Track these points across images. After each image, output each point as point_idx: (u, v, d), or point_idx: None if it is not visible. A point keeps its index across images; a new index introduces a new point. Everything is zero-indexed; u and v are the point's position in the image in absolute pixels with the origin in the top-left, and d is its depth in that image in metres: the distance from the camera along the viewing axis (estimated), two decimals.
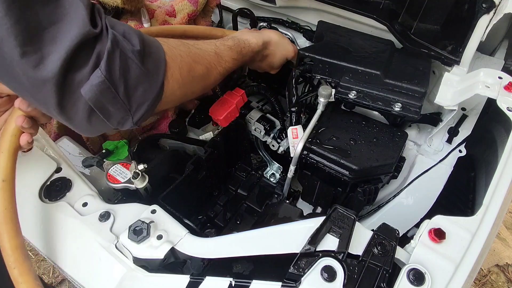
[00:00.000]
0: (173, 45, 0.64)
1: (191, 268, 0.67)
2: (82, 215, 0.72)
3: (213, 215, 1.00)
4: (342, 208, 0.62)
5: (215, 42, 0.77)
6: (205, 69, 0.71)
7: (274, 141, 1.06)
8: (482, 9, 0.86)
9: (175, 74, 0.61)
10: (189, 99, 0.73)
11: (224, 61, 0.77)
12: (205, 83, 0.74)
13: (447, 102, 0.88)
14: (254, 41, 0.87)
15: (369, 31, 1.06)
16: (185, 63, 0.64)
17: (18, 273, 0.59)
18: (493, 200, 0.63)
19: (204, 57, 0.72)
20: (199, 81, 0.70)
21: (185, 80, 0.64)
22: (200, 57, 0.70)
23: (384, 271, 0.56)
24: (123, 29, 0.51)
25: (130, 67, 0.50)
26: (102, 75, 0.47)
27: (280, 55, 0.96)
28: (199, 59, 0.69)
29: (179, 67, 0.63)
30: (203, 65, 0.71)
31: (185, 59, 0.65)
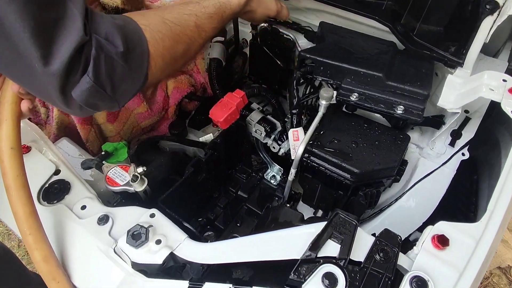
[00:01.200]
0: (155, 28, 0.62)
1: (190, 273, 0.66)
2: (81, 218, 0.71)
3: (213, 217, 1.00)
4: (344, 213, 0.61)
5: (195, 12, 0.73)
6: (186, 46, 0.70)
7: (274, 143, 1.05)
8: (486, 10, 0.85)
9: (158, 62, 0.62)
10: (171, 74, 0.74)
11: (204, 31, 0.75)
12: (185, 59, 0.74)
13: (450, 104, 0.87)
14: (235, 2, 0.83)
15: (371, 32, 1.05)
16: (167, 48, 0.64)
17: (33, 239, 0.61)
18: (498, 205, 0.62)
19: (185, 34, 0.70)
20: (180, 58, 0.71)
21: (167, 63, 0.65)
22: (181, 35, 0.68)
23: (386, 278, 0.55)
24: (106, 31, 0.53)
25: (115, 68, 0.54)
26: (90, 80, 0.51)
27: (261, 12, 0.92)
28: (180, 38, 0.68)
29: (162, 54, 0.63)
30: (184, 43, 0.70)
31: (167, 43, 0.64)
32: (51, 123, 1.01)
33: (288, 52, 1.13)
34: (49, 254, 0.62)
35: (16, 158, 0.62)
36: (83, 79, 0.50)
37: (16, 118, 0.63)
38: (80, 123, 0.98)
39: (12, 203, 0.62)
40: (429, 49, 0.91)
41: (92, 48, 0.50)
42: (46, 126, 1.05)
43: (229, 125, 0.95)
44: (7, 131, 0.62)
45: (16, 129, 0.63)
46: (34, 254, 0.61)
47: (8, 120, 0.62)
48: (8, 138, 0.62)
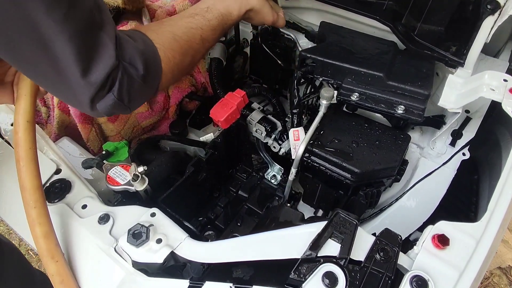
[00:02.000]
0: (168, 47, 0.70)
1: (190, 272, 0.67)
2: (82, 218, 0.71)
3: (213, 216, 1.00)
4: (344, 213, 0.61)
5: (201, 25, 0.80)
6: (192, 58, 0.78)
7: (275, 143, 1.05)
8: (487, 10, 0.85)
9: (168, 76, 0.71)
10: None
11: (208, 43, 0.82)
12: (190, 69, 0.84)
13: (451, 104, 0.87)
14: (236, 14, 0.89)
15: (372, 32, 1.05)
16: (176, 64, 0.72)
17: (37, 213, 0.62)
18: (498, 205, 0.62)
19: (192, 47, 0.77)
20: (186, 69, 0.80)
21: (175, 75, 0.74)
22: (188, 49, 0.76)
23: (387, 278, 0.55)
24: (129, 56, 0.62)
25: (134, 86, 0.63)
26: (114, 98, 0.60)
27: (257, 21, 0.98)
28: (187, 52, 0.76)
29: (172, 69, 0.71)
30: (190, 55, 0.77)
31: (177, 59, 0.72)
32: (52, 123, 1.02)
33: (288, 52, 1.13)
34: (50, 231, 0.63)
35: (30, 131, 0.65)
36: (108, 96, 0.60)
37: (34, 94, 0.67)
38: (80, 123, 0.98)
39: (22, 174, 0.63)
40: (430, 49, 0.91)
41: (119, 72, 0.59)
42: (47, 125, 1.05)
43: (229, 124, 0.96)
44: (25, 105, 0.65)
45: (33, 105, 0.67)
46: (35, 229, 0.62)
47: (27, 96, 0.66)
48: (25, 112, 0.65)
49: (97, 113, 0.62)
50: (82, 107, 0.61)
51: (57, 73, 0.55)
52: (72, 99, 0.60)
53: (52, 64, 0.53)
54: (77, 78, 0.55)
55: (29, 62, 0.54)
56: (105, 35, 0.57)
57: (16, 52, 0.52)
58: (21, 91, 0.66)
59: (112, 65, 0.57)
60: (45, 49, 0.52)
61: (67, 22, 0.51)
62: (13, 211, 0.75)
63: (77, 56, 0.53)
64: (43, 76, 0.57)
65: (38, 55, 0.52)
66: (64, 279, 0.61)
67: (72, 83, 0.56)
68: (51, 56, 0.52)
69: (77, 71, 0.54)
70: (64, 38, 0.51)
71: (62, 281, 0.61)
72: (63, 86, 0.57)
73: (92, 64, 0.56)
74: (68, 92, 0.58)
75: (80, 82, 0.55)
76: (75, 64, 0.53)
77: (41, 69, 0.55)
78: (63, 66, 0.54)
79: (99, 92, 0.58)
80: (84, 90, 0.57)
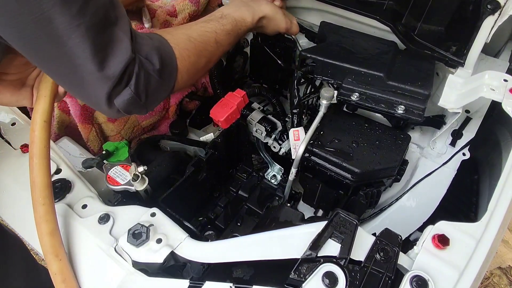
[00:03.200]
0: (182, 46, 0.72)
1: (191, 272, 0.67)
2: (82, 217, 0.71)
3: (213, 216, 1.00)
4: (344, 213, 0.61)
5: (215, 29, 0.82)
6: (207, 60, 0.80)
7: (275, 143, 1.05)
8: (487, 10, 0.85)
9: (183, 75, 0.72)
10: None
11: (222, 46, 0.84)
12: (205, 71, 0.85)
13: (451, 104, 0.87)
14: (249, 20, 0.91)
15: (372, 32, 1.05)
16: (192, 63, 0.74)
17: (45, 210, 0.64)
18: (498, 205, 0.62)
19: (206, 49, 0.79)
20: (201, 70, 0.81)
21: (190, 75, 0.75)
22: (203, 51, 0.77)
23: (387, 278, 0.55)
24: (146, 51, 0.63)
25: (151, 81, 0.64)
26: (132, 92, 0.61)
27: (271, 29, 1.00)
28: (202, 53, 0.77)
29: (187, 68, 0.72)
30: (205, 57, 0.79)
31: (192, 59, 0.73)
32: (52, 123, 1.02)
33: (289, 52, 1.13)
34: (56, 229, 0.64)
35: (46, 131, 0.68)
36: (125, 91, 0.60)
37: (53, 96, 0.69)
38: (81, 123, 0.98)
39: (34, 171, 0.65)
40: (430, 49, 0.91)
41: (135, 66, 0.60)
42: None
43: (229, 124, 0.96)
44: (45, 105, 0.68)
45: (51, 106, 0.69)
46: (42, 226, 0.63)
47: (47, 97, 0.68)
48: (44, 112, 0.68)
49: (114, 111, 0.62)
50: (99, 104, 0.61)
51: (74, 69, 0.56)
52: (90, 95, 0.61)
53: (68, 59, 0.54)
54: (94, 73, 0.56)
55: (46, 57, 0.55)
56: (120, 30, 0.58)
57: (34, 48, 0.54)
58: (41, 92, 0.68)
59: (128, 59, 0.58)
60: (61, 44, 0.53)
61: (82, 16, 0.52)
62: (13, 211, 0.76)
63: (93, 50, 0.54)
64: (61, 72, 0.58)
65: (55, 50, 0.53)
66: (66, 278, 0.62)
67: (89, 78, 0.57)
68: (67, 51, 0.53)
69: (93, 65, 0.55)
70: (79, 32, 0.52)
71: (64, 280, 0.61)
72: (80, 82, 0.58)
73: (108, 58, 0.56)
74: (85, 89, 0.59)
75: (97, 76, 0.56)
76: (91, 58, 0.54)
77: (58, 64, 0.56)
78: (80, 61, 0.55)
79: (117, 86, 0.59)
80: (101, 85, 0.57)
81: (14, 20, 0.50)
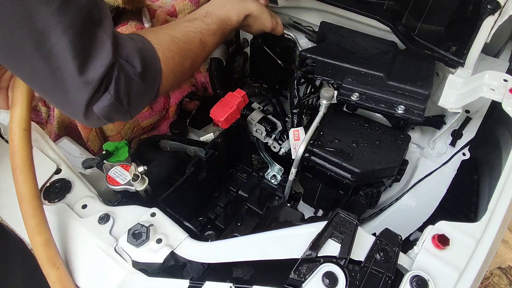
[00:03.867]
0: (166, 47, 0.69)
1: (191, 272, 0.67)
2: (82, 217, 0.71)
3: (213, 216, 1.00)
4: (344, 213, 0.61)
5: (200, 29, 0.80)
6: (192, 61, 0.77)
7: (275, 143, 1.05)
8: (487, 10, 0.85)
9: (168, 77, 0.69)
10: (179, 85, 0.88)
11: (208, 47, 0.82)
12: (191, 72, 0.82)
13: (451, 104, 0.87)
14: (235, 19, 0.89)
15: (372, 32, 1.05)
16: (176, 65, 0.71)
17: (36, 222, 0.61)
18: (498, 205, 0.62)
19: (191, 50, 0.76)
20: (187, 72, 0.79)
21: (176, 77, 0.72)
22: (188, 52, 0.75)
23: (387, 278, 0.55)
24: (126, 53, 0.59)
25: (132, 85, 0.60)
26: (112, 97, 0.57)
27: (257, 28, 0.98)
28: (187, 54, 0.75)
29: (172, 70, 0.69)
30: (191, 58, 0.76)
31: (176, 60, 0.70)
32: (52, 123, 1.02)
33: (289, 52, 1.13)
34: (50, 239, 0.62)
35: (27, 140, 0.63)
36: (104, 96, 0.57)
37: (29, 101, 0.65)
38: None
39: (19, 184, 0.62)
40: (430, 49, 0.91)
41: (115, 70, 0.56)
42: (47, 125, 1.05)
43: (229, 124, 0.95)
44: (21, 113, 0.63)
45: (28, 112, 0.64)
46: (35, 238, 0.61)
47: (23, 103, 0.64)
48: (21, 120, 0.63)
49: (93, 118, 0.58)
50: (76, 112, 0.57)
51: (52, 71, 0.52)
52: (67, 101, 0.56)
53: (47, 60, 0.51)
54: (73, 76, 0.52)
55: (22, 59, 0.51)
56: (103, 32, 0.55)
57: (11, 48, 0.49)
58: (16, 98, 0.64)
59: (109, 63, 0.55)
60: (40, 43, 0.49)
61: (62, 14, 0.49)
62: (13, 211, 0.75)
63: (73, 51, 0.51)
64: (37, 75, 0.54)
65: (33, 50, 0.50)
66: (65, 285, 0.61)
67: (68, 83, 0.53)
68: (46, 51, 0.50)
69: (73, 67, 0.51)
70: (59, 30, 0.49)
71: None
72: (57, 86, 0.54)
73: (89, 60, 0.53)
74: (63, 94, 0.55)
75: (77, 80, 0.53)
76: (70, 59, 0.51)
77: (35, 66, 0.52)
78: (59, 62, 0.51)
79: (96, 92, 0.55)
80: (80, 90, 0.54)
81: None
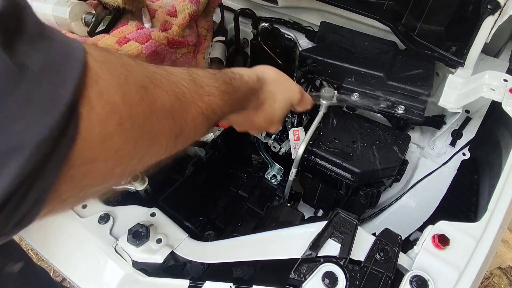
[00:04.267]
0: (115, 62, 0.34)
1: (190, 271, 0.67)
2: (82, 217, 0.71)
3: (213, 216, 1.00)
4: (344, 213, 0.61)
5: (187, 68, 0.47)
6: (175, 99, 0.40)
7: (275, 143, 1.05)
8: (487, 10, 0.85)
9: (108, 92, 0.31)
10: (139, 167, 0.38)
11: (206, 92, 0.46)
12: (176, 127, 0.40)
13: (451, 104, 0.87)
14: (245, 73, 0.59)
15: (372, 32, 1.05)
16: (132, 83, 0.34)
17: None
18: (498, 205, 0.62)
19: (172, 81, 0.41)
20: (164, 120, 0.38)
21: (133, 115, 0.33)
22: (164, 80, 0.40)
23: (387, 278, 0.55)
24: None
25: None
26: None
27: (283, 98, 0.67)
28: (162, 83, 0.39)
29: (120, 84, 0.33)
30: (171, 92, 0.40)
31: (134, 76, 0.35)
32: None
33: (289, 52, 1.13)
34: None
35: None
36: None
37: None
38: None
39: None
40: (430, 49, 0.91)
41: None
42: None
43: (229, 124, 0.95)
44: None
45: None
46: None
47: None
48: None
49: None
50: None
51: None
52: None
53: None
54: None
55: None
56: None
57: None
58: None
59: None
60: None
61: None
62: None
63: None
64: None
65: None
66: None
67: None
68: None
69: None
70: None
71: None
72: None
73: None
74: None
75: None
76: None
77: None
78: None
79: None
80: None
81: None
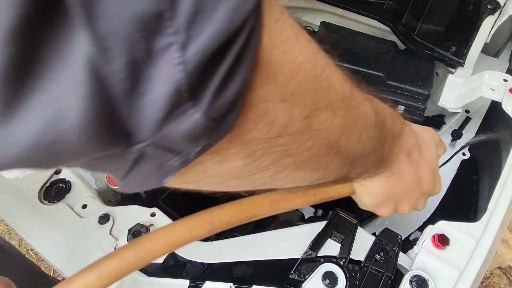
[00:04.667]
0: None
1: (190, 271, 0.67)
2: (82, 217, 0.71)
3: None
4: (344, 213, 0.61)
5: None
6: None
7: None
8: (487, 10, 0.85)
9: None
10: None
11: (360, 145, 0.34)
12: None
13: (451, 104, 0.87)
14: (394, 120, 0.41)
15: (372, 32, 1.05)
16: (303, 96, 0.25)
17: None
18: (498, 205, 0.62)
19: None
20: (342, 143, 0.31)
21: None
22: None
23: (387, 278, 0.55)
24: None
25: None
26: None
27: (431, 163, 0.50)
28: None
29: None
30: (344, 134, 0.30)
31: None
32: None
33: None
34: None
35: None
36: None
37: None
38: None
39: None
40: (430, 49, 0.91)
41: None
42: None
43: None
44: None
45: None
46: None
47: None
48: None
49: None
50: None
51: None
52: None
53: None
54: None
55: None
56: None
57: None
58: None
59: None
60: None
61: None
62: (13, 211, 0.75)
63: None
64: None
65: None
66: None
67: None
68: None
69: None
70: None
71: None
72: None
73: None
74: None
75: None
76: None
77: None
78: None
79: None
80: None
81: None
